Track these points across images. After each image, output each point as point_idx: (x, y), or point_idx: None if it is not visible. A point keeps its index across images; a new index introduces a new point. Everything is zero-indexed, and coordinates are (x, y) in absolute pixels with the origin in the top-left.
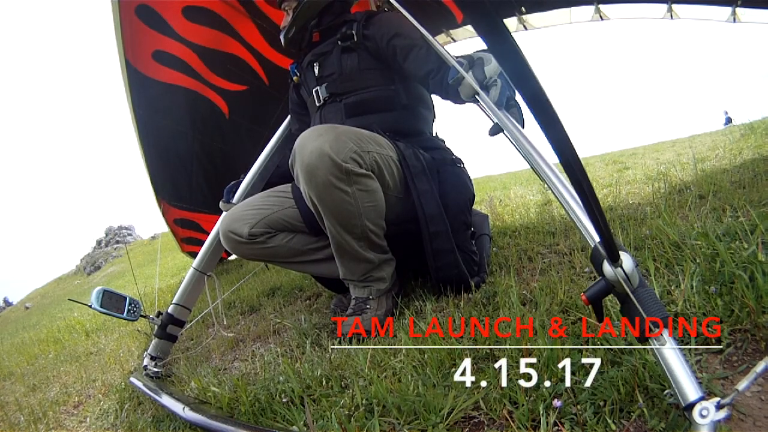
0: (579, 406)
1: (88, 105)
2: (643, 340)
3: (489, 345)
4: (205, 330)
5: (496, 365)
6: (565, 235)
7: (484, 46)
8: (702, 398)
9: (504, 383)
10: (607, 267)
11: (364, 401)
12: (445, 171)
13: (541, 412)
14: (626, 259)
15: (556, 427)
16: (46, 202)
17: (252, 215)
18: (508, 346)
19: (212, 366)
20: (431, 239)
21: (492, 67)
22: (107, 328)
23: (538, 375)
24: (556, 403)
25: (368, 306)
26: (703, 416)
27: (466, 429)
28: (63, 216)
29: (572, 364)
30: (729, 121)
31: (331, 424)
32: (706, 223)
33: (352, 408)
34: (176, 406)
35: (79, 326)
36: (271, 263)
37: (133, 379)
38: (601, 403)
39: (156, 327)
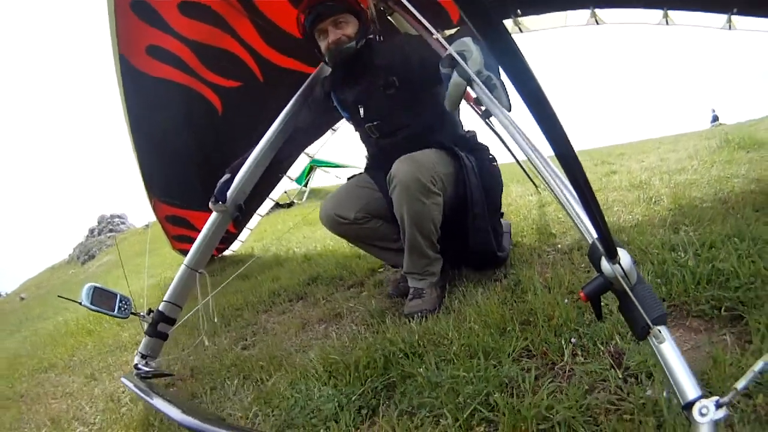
0: (585, 339)
1: (79, 93)
2: (642, 337)
3: (525, 313)
4: (258, 316)
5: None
6: (564, 235)
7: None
8: (701, 397)
9: (540, 334)
10: (605, 264)
11: (462, 350)
12: (485, 168)
13: (565, 346)
14: (624, 256)
15: (575, 354)
16: (34, 190)
17: (354, 203)
18: (538, 314)
19: (294, 345)
20: (474, 219)
21: (475, 58)
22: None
23: (561, 328)
24: (573, 340)
25: (425, 293)
26: (702, 414)
27: (523, 360)
28: (51, 204)
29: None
30: (716, 119)
31: (443, 365)
32: (666, 236)
33: (452, 354)
34: (168, 408)
35: (107, 316)
36: (357, 243)
37: (124, 379)
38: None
39: (147, 325)
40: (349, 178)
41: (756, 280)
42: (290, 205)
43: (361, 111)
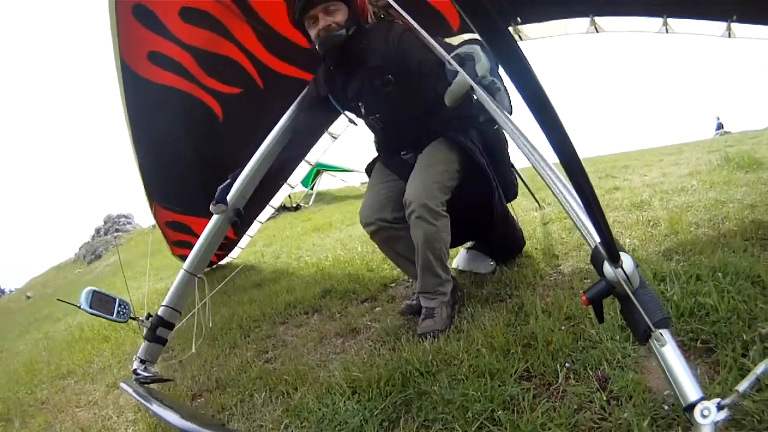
0: (577, 364)
1: (89, 94)
2: (644, 340)
3: (527, 337)
4: (276, 328)
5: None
6: (566, 257)
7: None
8: (703, 398)
9: (539, 357)
10: (607, 268)
11: (471, 370)
12: (488, 138)
13: (560, 369)
14: (626, 260)
15: (568, 377)
16: (40, 188)
17: (386, 203)
18: (538, 338)
19: (314, 359)
20: (493, 192)
21: (483, 64)
22: None
23: (557, 352)
24: (567, 365)
25: (436, 312)
26: (704, 416)
27: (523, 381)
28: (57, 203)
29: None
30: (720, 126)
31: (454, 384)
32: (658, 264)
33: (462, 374)
34: (167, 413)
35: (123, 323)
36: (389, 251)
37: (123, 385)
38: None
39: (146, 329)
40: (366, 169)
41: (732, 316)
42: (297, 208)
43: (362, 108)
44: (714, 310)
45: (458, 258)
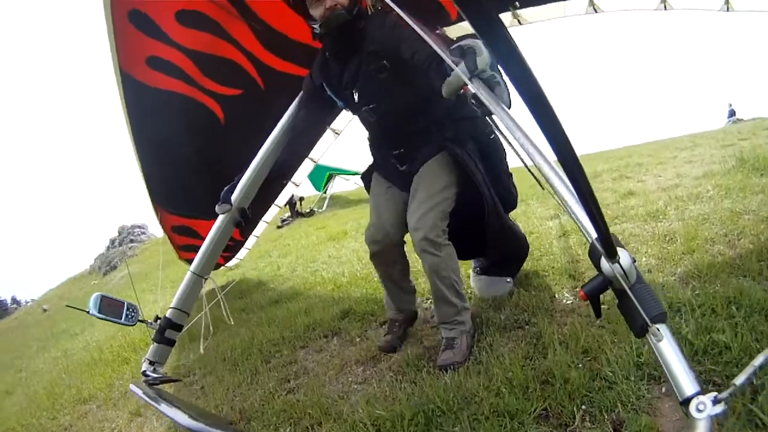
0: (593, 407)
1: (101, 101)
2: (641, 335)
3: (545, 373)
4: (297, 353)
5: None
6: (583, 276)
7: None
8: (699, 393)
9: (557, 396)
10: (604, 263)
11: (491, 409)
12: (488, 145)
13: (577, 411)
14: (623, 255)
15: (584, 419)
16: (53, 200)
17: (396, 223)
18: (556, 375)
19: (336, 390)
20: (491, 201)
21: (484, 57)
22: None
23: (575, 392)
24: (583, 406)
25: (456, 342)
26: (699, 410)
27: (542, 420)
28: (70, 215)
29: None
30: (732, 113)
31: (475, 424)
32: (674, 292)
33: (481, 413)
34: (175, 414)
35: (142, 343)
36: (384, 273)
37: (133, 387)
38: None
39: (154, 332)
40: (363, 177)
41: (744, 356)
42: (311, 213)
43: (356, 96)
44: (727, 348)
45: (473, 285)
